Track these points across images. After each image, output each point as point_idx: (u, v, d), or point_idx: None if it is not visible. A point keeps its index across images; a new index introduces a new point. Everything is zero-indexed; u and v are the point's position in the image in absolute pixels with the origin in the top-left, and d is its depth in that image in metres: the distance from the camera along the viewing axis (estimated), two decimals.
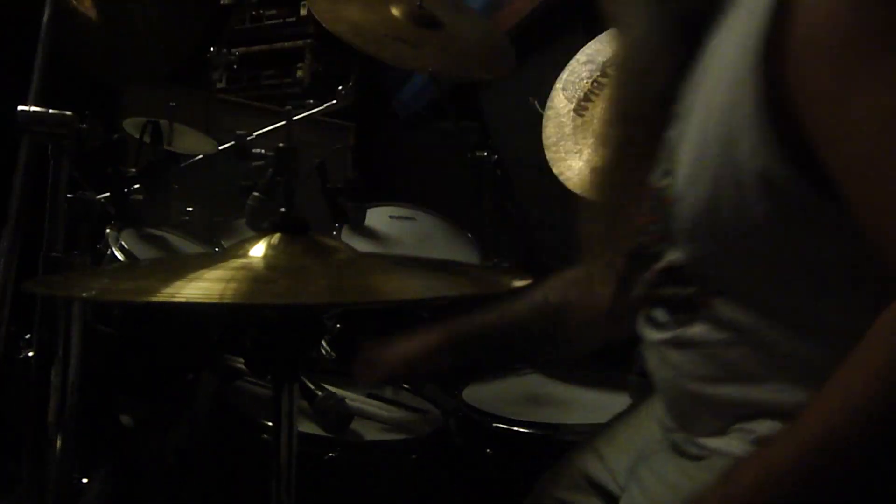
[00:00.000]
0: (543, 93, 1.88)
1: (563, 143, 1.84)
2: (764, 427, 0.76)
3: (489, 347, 1.23)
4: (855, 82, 0.63)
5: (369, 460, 1.30)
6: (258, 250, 0.74)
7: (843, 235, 0.69)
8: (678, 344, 0.83)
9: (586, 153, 1.81)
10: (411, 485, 1.31)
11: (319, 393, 1.25)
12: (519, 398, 1.49)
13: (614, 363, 1.36)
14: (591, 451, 1.03)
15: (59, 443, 1.15)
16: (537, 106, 1.91)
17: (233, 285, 0.67)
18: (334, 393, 1.26)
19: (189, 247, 1.62)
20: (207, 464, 1.43)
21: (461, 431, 1.39)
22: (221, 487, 1.36)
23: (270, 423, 0.76)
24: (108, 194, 1.52)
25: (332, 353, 1.56)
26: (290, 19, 2.91)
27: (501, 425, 1.34)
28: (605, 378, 1.52)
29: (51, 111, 1.13)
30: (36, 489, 1.15)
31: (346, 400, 1.28)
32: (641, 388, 1.02)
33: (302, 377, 1.21)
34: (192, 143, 1.84)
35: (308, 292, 0.69)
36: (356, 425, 1.28)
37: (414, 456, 1.31)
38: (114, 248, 1.44)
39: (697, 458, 0.83)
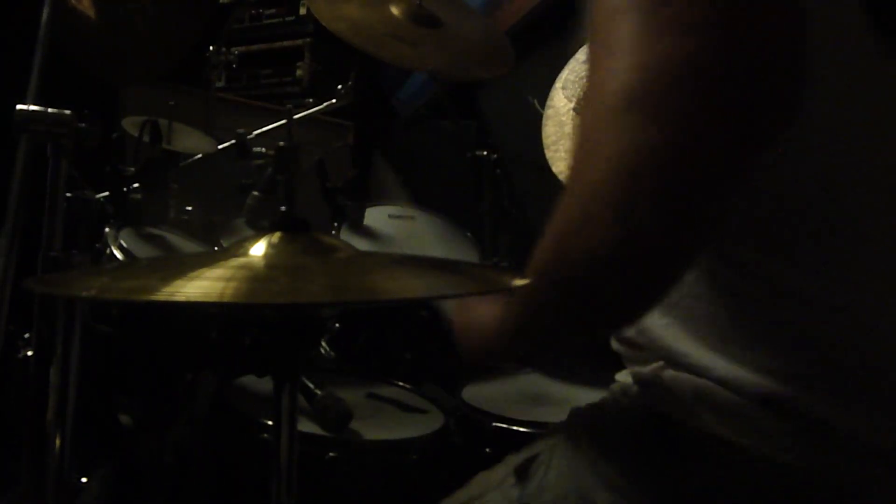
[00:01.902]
0: (543, 92, 1.88)
1: (562, 142, 1.83)
2: None
3: None
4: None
5: (369, 460, 1.30)
6: (258, 249, 0.74)
7: None
8: None
9: None
10: (411, 485, 1.30)
11: (319, 392, 1.24)
12: (519, 398, 1.49)
13: (614, 363, 1.36)
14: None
15: (58, 442, 1.14)
16: (537, 105, 1.91)
17: (233, 284, 0.66)
18: (333, 392, 1.26)
19: (188, 246, 1.61)
20: (207, 464, 1.43)
21: (461, 431, 1.39)
22: (221, 487, 1.36)
23: (270, 423, 0.76)
24: (107, 193, 1.52)
25: (332, 353, 1.56)
26: (290, 18, 2.91)
27: (501, 425, 1.34)
28: (605, 378, 1.51)
29: (49, 110, 1.12)
30: (35, 489, 1.15)
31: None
32: None
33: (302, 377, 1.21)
34: (192, 142, 1.84)
35: (308, 292, 0.68)
36: (356, 425, 1.28)
37: (414, 456, 1.31)
38: (113, 247, 1.43)
39: None
